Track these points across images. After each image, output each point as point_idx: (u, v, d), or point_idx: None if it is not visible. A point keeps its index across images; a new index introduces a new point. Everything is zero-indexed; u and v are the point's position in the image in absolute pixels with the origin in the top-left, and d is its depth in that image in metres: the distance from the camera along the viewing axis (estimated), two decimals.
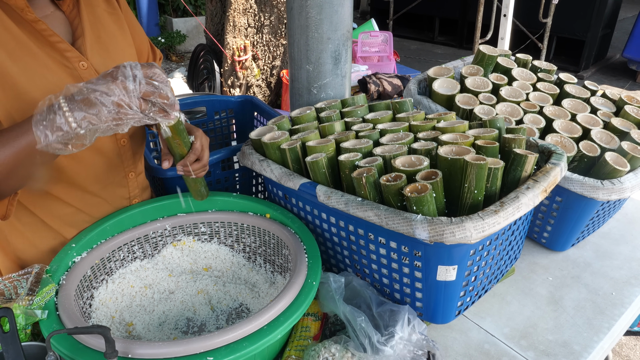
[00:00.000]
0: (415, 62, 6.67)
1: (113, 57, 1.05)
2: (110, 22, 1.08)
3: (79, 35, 1.01)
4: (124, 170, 1.13)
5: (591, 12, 6.03)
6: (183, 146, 1.00)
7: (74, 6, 1.01)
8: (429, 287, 0.98)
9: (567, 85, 1.50)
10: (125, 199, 1.17)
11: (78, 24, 1.01)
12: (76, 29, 1.01)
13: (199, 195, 1.14)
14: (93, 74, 0.99)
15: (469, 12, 7.01)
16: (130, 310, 1.07)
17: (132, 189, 1.17)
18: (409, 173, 0.96)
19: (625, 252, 1.33)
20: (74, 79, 0.97)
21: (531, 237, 1.37)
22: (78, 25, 1.01)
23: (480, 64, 1.54)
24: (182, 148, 1.00)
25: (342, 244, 1.10)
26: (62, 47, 0.96)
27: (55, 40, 0.95)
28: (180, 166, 1.03)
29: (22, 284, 0.92)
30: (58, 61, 0.95)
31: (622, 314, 1.13)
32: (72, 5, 1.01)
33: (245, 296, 1.13)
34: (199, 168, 1.05)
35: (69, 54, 0.96)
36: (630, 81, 6.15)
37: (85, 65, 0.98)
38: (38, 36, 0.93)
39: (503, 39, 3.31)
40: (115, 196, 1.14)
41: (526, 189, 0.93)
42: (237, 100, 1.75)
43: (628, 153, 1.20)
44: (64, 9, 1.00)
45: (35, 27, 0.92)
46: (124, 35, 1.10)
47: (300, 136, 1.16)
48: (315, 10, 1.33)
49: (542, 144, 1.12)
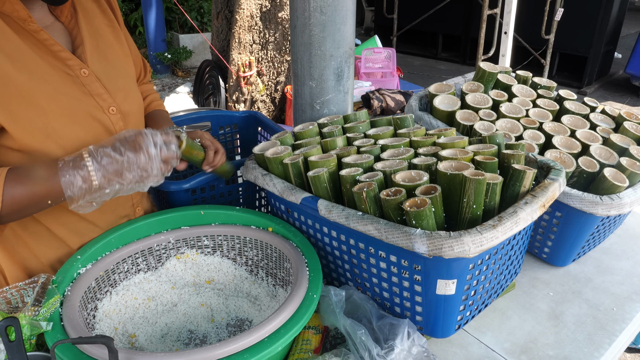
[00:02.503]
0: (419, 78, 6.72)
1: (112, 65, 1.10)
2: (107, 33, 1.12)
3: (78, 44, 1.04)
4: None
5: (593, 28, 6.08)
6: (199, 153, 1.15)
7: (72, 17, 1.05)
8: (428, 301, 0.99)
9: (567, 102, 1.52)
10: (129, 206, 1.19)
11: (77, 34, 1.05)
12: (75, 38, 1.05)
13: (227, 174, 1.29)
14: (94, 80, 1.03)
15: (472, 29, 7.08)
16: (133, 321, 1.08)
17: (134, 196, 1.20)
18: (408, 188, 0.97)
19: (627, 267, 1.34)
20: (76, 85, 1.00)
21: (532, 252, 1.37)
22: (77, 34, 1.05)
23: (481, 81, 1.57)
24: (200, 154, 1.16)
25: (343, 258, 1.11)
26: (64, 55, 1.00)
27: (57, 49, 0.98)
28: (207, 166, 1.19)
29: (29, 292, 0.93)
30: (60, 69, 0.99)
31: (623, 329, 1.13)
32: (70, 15, 1.05)
33: (247, 309, 1.14)
34: (221, 157, 1.21)
35: (70, 62, 1.00)
36: (633, 97, 6.17)
37: (86, 73, 1.02)
38: (40, 46, 0.97)
39: (504, 56, 3.34)
40: (118, 204, 1.16)
41: (524, 204, 0.95)
42: (242, 116, 1.78)
43: (627, 169, 1.21)
44: (62, 19, 1.04)
45: (37, 37, 0.96)
46: (120, 45, 1.15)
47: (303, 151, 1.18)
48: (318, 28, 1.36)
49: (541, 160, 1.14)
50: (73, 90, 1.00)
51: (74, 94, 1.00)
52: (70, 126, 0.98)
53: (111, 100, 1.06)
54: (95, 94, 1.03)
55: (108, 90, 1.06)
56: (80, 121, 1.00)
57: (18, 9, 0.94)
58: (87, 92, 1.02)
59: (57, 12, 1.04)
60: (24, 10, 0.94)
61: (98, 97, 1.04)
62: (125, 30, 1.22)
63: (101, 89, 1.04)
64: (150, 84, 1.41)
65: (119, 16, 1.19)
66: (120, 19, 1.19)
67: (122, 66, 1.13)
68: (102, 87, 1.04)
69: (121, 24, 1.19)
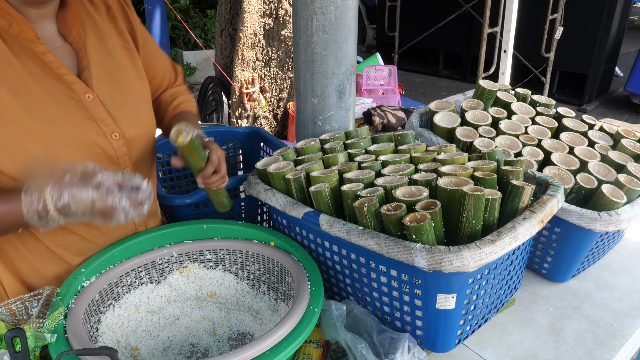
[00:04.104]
0: (420, 95, 6.78)
1: (122, 89, 1.08)
2: (122, 55, 1.10)
3: (84, 66, 1.03)
4: None
5: (593, 46, 6.15)
6: (200, 161, 1.07)
7: (80, 38, 1.04)
8: (428, 315, 1.00)
9: (566, 119, 1.54)
10: (131, 225, 1.19)
11: (84, 56, 1.03)
12: (82, 60, 1.03)
13: (222, 206, 1.20)
14: (98, 105, 1.02)
15: (473, 47, 7.16)
16: (136, 335, 1.09)
17: None
18: (409, 203, 0.99)
19: (626, 283, 1.34)
20: (79, 109, 0.99)
21: (532, 267, 1.38)
22: (84, 56, 1.03)
23: (481, 98, 1.59)
24: (200, 162, 1.07)
25: (344, 272, 1.12)
26: (69, 79, 0.98)
27: (61, 72, 0.97)
28: (200, 179, 1.10)
29: (34, 304, 0.94)
30: (64, 93, 0.98)
31: (622, 345, 1.13)
32: (78, 36, 1.03)
33: (248, 323, 1.14)
34: (218, 180, 1.11)
35: (75, 86, 0.99)
36: (633, 115, 6.20)
37: (90, 97, 1.01)
38: (45, 68, 0.96)
39: (504, 74, 3.38)
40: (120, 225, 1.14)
41: (523, 220, 0.96)
42: (245, 131, 1.80)
43: (624, 185, 1.23)
44: (70, 40, 1.03)
45: (43, 59, 0.95)
46: (135, 68, 1.13)
47: (305, 167, 1.20)
48: (321, 46, 1.39)
49: (540, 176, 1.16)
50: (75, 115, 0.99)
51: (75, 120, 0.99)
52: (68, 154, 0.97)
53: (114, 126, 1.04)
54: (99, 119, 1.02)
55: (112, 115, 1.04)
56: (78, 148, 0.99)
57: (26, 30, 0.93)
58: (90, 116, 1.01)
59: (66, 32, 1.02)
60: (32, 32, 0.94)
61: (101, 122, 1.02)
62: (150, 42, 1.20)
63: (105, 114, 1.03)
64: (183, 85, 1.37)
65: (139, 35, 1.16)
66: (140, 38, 1.17)
67: (133, 90, 1.11)
68: (105, 112, 1.03)
69: (141, 40, 1.17)
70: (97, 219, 0.88)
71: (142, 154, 1.13)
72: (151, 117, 1.17)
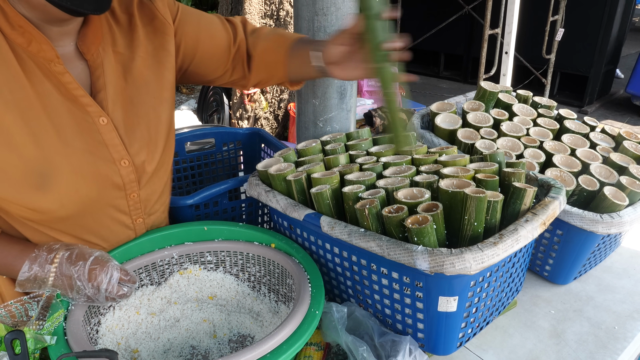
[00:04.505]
0: (421, 97, 6.77)
1: (136, 111, 1.03)
2: (142, 70, 1.04)
3: (100, 87, 0.99)
4: (131, 218, 1.11)
5: (594, 48, 6.14)
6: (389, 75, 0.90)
7: (98, 56, 0.99)
8: (430, 317, 1.00)
9: (567, 121, 1.53)
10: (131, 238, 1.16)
11: (100, 75, 0.99)
12: (97, 80, 0.99)
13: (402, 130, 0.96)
14: (112, 129, 0.99)
15: (473, 49, 7.16)
16: (136, 337, 1.08)
17: (139, 231, 1.16)
18: (410, 205, 0.98)
19: (628, 286, 1.34)
20: (91, 133, 0.97)
21: (533, 270, 1.38)
22: (100, 76, 0.99)
23: (482, 100, 1.59)
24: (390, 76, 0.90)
25: (345, 274, 1.12)
26: (85, 101, 0.95)
27: (79, 94, 0.94)
28: None
29: (33, 306, 0.94)
30: (78, 116, 0.95)
31: (624, 348, 1.12)
32: (96, 54, 0.99)
33: (249, 325, 1.14)
34: None
35: (90, 109, 0.96)
36: (634, 116, 6.20)
37: (105, 121, 0.98)
38: (61, 88, 0.93)
39: (505, 75, 3.38)
40: (119, 239, 1.13)
41: (525, 222, 0.96)
42: (245, 132, 1.80)
43: (627, 187, 1.22)
44: (87, 57, 0.98)
45: (61, 80, 0.92)
46: (159, 82, 1.08)
47: (306, 168, 1.20)
48: None
49: (542, 178, 1.15)
50: (86, 140, 0.96)
51: (85, 146, 0.96)
52: (73, 183, 0.96)
53: (124, 153, 1.01)
54: (110, 145, 0.99)
55: (124, 141, 1.01)
56: (85, 176, 0.97)
57: (45, 49, 0.90)
58: (102, 141, 0.98)
59: (84, 50, 0.97)
60: (51, 51, 0.90)
61: (112, 147, 0.99)
62: (201, 28, 1.14)
63: (117, 139, 1.00)
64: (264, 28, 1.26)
65: (178, 26, 1.10)
66: (180, 29, 1.10)
67: (150, 112, 1.06)
68: (118, 137, 1.00)
69: (182, 34, 1.11)
70: None
71: (153, 179, 1.11)
72: (168, 140, 1.12)
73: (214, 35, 1.17)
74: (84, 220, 1.04)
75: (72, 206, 0.98)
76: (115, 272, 0.96)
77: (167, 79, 1.09)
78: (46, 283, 0.94)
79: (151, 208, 1.16)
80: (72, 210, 0.99)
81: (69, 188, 0.95)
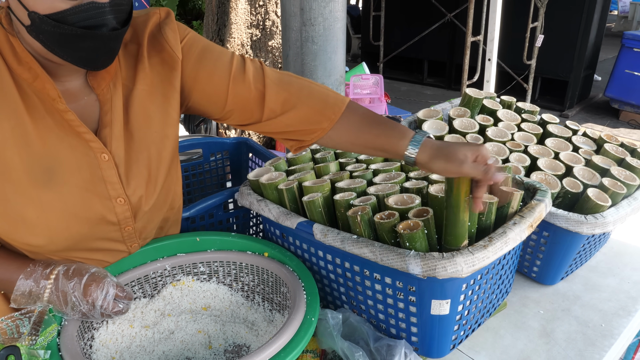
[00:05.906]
0: (406, 103, 6.84)
1: (137, 147, 1.01)
2: (148, 103, 1.02)
3: (106, 123, 0.97)
4: (125, 245, 1.10)
5: (573, 53, 6.28)
6: None
7: (107, 91, 0.98)
8: (423, 321, 1.01)
9: (550, 125, 1.57)
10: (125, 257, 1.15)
11: (108, 111, 0.98)
12: (105, 115, 0.98)
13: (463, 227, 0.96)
14: (112, 166, 0.98)
15: (457, 55, 7.26)
16: (130, 350, 1.08)
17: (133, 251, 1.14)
18: (401, 211, 1.00)
19: (613, 284, 1.37)
20: (92, 169, 0.96)
21: (522, 271, 1.40)
22: (108, 111, 0.98)
23: (467, 106, 1.62)
24: None
25: (338, 281, 1.13)
26: (88, 137, 0.95)
27: (81, 131, 0.94)
28: None
29: (25, 323, 0.93)
30: (80, 151, 0.95)
31: (612, 344, 1.15)
32: (106, 89, 0.98)
33: (244, 335, 1.14)
34: None
35: (93, 145, 0.96)
36: (613, 119, 6.34)
37: (106, 158, 0.97)
38: (64, 124, 0.93)
39: (488, 82, 3.44)
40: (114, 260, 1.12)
41: (513, 225, 0.98)
42: (233, 142, 1.80)
43: (609, 189, 1.26)
44: (97, 92, 0.98)
45: (64, 117, 0.92)
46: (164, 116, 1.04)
47: (297, 177, 1.21)
48: (310, 57, 1.41)
49: (528, 182, 1.18)
50: (84, 177, 0.96)
51: (82, 183, 0.96)
52: (64, 221, 0.95)
53: (121, 191, 1.00)
54: (108, 181, 0.98)
55: (122, 179, 1.00)
56: (77, 215, 0.96)
57: (48, 88, 0.90)
58: (101, 177, 0.97)
59: (94, 85, 0.97)
60: (54, 90, 0.90)
61: (110, 185, 0.98)
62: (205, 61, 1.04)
63: (115, 177, 0.98)
64: (276, 74, 1.11)
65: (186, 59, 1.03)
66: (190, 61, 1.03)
67: (148, 147, 1.03)
68: (117, 174, 0.98)
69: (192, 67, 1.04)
70: None
71: (150, 213, 1.09)
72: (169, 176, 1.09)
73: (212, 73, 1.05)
74: (75, 253, 1.03)
75: (61, 242, 0.98)
76: (111, 288, 0.96)
77: (171, 117, 1.06)
78: (41, 298, 0.94)
79: (148, 233, 1.15)
80: (61, 246, 0.99)
81: (59, 225, 0.95)
